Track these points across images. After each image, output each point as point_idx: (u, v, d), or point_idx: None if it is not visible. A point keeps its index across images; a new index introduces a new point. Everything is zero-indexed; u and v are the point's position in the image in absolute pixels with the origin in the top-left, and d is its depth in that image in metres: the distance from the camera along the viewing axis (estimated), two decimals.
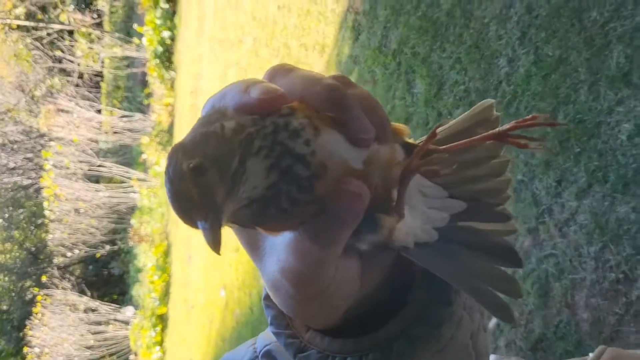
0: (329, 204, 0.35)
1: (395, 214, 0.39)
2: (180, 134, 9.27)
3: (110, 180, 11.47)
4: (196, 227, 0.33)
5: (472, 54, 2.70)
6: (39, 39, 13.10)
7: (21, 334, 11.38)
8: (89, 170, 10.79)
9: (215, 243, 0.34)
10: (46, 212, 11.27)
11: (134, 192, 11.01)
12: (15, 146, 13.44)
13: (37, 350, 10.60)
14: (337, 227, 0.36)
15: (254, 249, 0.42)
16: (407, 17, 3.25)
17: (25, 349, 10.94)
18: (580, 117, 2.11)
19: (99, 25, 13.69)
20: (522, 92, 2.37)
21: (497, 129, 0.41)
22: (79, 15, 12.79)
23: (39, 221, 13.26)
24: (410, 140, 0.42)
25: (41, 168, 11.91)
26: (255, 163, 0.33)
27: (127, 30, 12.05)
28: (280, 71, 0.38)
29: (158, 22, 9.23)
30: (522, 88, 2.37)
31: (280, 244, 0.39)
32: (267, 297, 0.47)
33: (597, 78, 2.08)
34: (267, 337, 0.58)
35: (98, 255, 12.05)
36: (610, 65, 2.04)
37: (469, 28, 2.76)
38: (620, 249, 1.92)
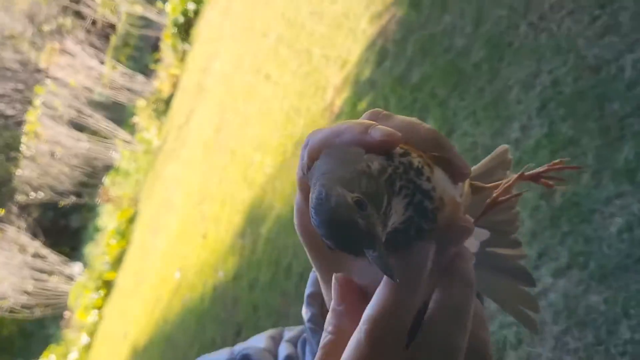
0: (442, 234, 0.38)
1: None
2: (180, 106, 9.21)
3: (94, 133, 11.32)
4: (360, 254, 0.36)
5: (489, 111, 2.74)
6: None
7: None
8: (76, 117, 10.65)
9: (390, 268, 0.35)
10: (22, 147, 11.08)
11: (115, 151, 10.89)
12: (8, 74, 13.22)
13: None
14: (448, 254, 0.39)
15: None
16: (434, 58, 3.29)
17: None
18: (577, 199, 2.14)
19: None
20: (527, 161, 2.40)
21: (533, 171, 0.49)
22: None
23: (12, 154, 13.01)
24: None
25: (29, 102, 11.73)
26: (397, 202, 0.37)
27: None
28: (381, 115, 0.42)
29: None
30: (529, 156, 2.40)
31: None
32: (312, 295, 0.50)
33: (603, 167, 2.12)
34: (244, 345, 0.63)
35: (61, 203, 11.85)
36: (619, 159, 2.08)
37: (492, 85, 2.79)
38: (583, 335, 1.94)
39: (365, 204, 0.35)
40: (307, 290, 0.51)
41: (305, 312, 0.51)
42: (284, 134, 4.95)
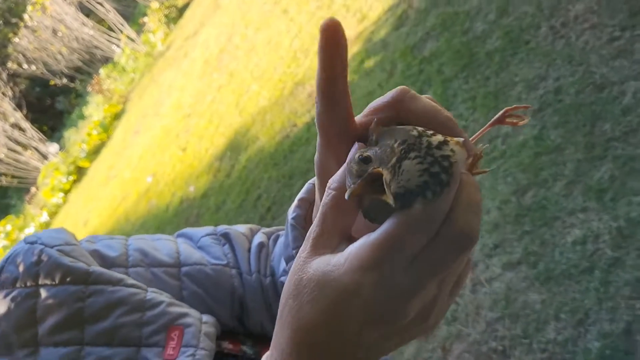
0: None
1: None
2: (192, 18, 9.05)
3: (100, 21, 11.08)
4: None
5: (488, 100, 2.79)
6: None
7: None
8: (86, 0, 10.40)
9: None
10: (25, 16, 10.83)
11: (118, 46, 10.71)
12: None
13: None
14: None
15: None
16: (451, 36, 3.31)
17: None
18: (545, 203, 2.23)
19: None
20: (510, 156, 2.47)
21: (495, 117, 0.51)
22: None
23: (13, 20, 12.69)
24: None
25: None
26: (408, 164, 0.41)
27: None
28: (408, 95, 0.46)
29: None
30: (512, 153, 2.47)
31: None
32: (302, 200, 0.57)
33: (577, 180, 2.20)
34: (226, 226, 0.72)
35: (52, 82, 11.70)
36: (594, 176, 2.16)
37: (498, 77, 2.84)
38: (513, 326, 2.06)
39: (368, 159, 0.42)
40: (300, 195, 0.57)
41: (292, 212, 0.57)
42: (287, 71, 4.94)
